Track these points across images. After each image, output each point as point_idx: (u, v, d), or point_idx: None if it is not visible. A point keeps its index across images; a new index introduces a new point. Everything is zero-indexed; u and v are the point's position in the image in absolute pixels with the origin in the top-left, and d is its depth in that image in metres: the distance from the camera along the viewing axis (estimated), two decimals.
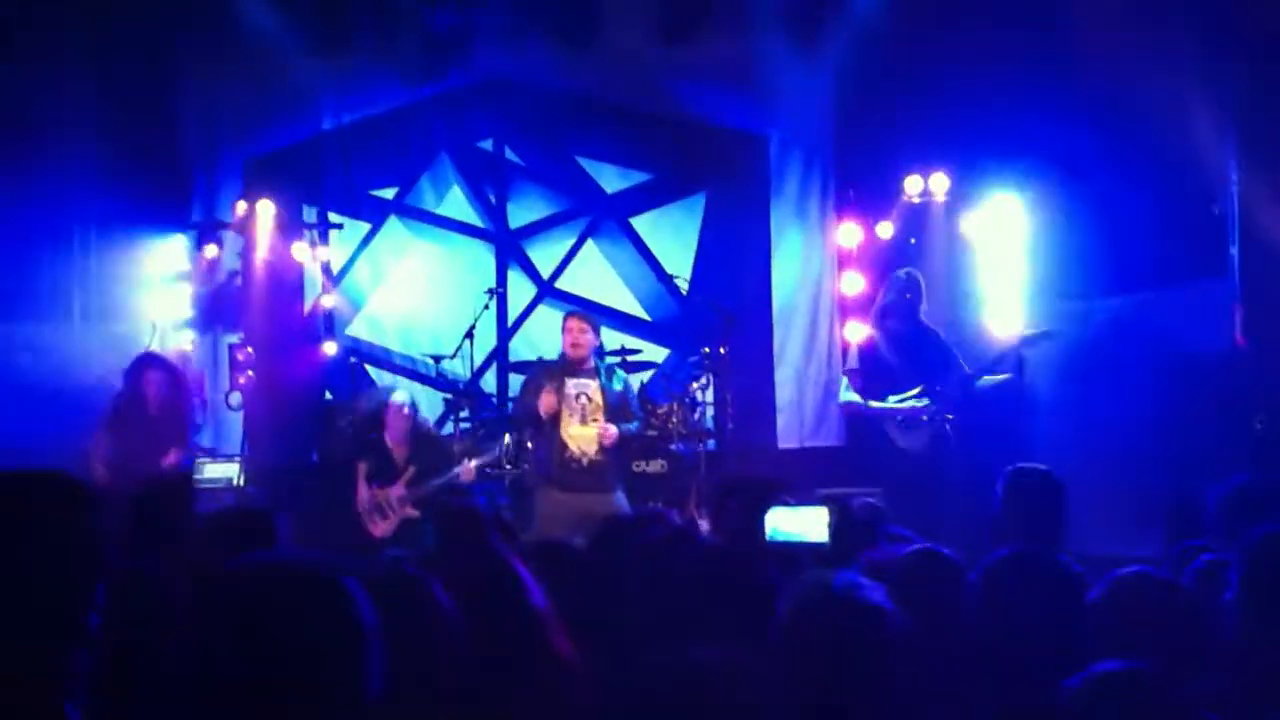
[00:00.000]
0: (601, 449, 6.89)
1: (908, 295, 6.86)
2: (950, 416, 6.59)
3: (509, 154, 10.47)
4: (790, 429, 9.79)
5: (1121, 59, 7.40)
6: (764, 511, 3.45)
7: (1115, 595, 3.01)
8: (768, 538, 3.46)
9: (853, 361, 6.89)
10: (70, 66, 9.35)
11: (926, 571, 3.34)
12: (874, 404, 6.65)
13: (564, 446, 6.91)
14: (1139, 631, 2.83)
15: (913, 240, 8.96)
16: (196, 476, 8.29)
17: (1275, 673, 2.26)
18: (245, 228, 9.41)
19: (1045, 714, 2.42)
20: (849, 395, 6.77)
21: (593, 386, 6.95)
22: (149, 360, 7.93)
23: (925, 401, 6.68)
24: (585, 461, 6.90)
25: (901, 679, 2.46)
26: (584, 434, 6.90)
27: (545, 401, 6.85)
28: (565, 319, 7.26)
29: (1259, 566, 2.35)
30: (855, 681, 2.39)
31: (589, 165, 10.38)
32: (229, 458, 8.55)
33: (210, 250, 9.45)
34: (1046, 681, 2.48)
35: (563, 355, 7.12)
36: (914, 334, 6.70)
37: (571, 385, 6.95)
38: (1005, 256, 8.66)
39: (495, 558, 3.04)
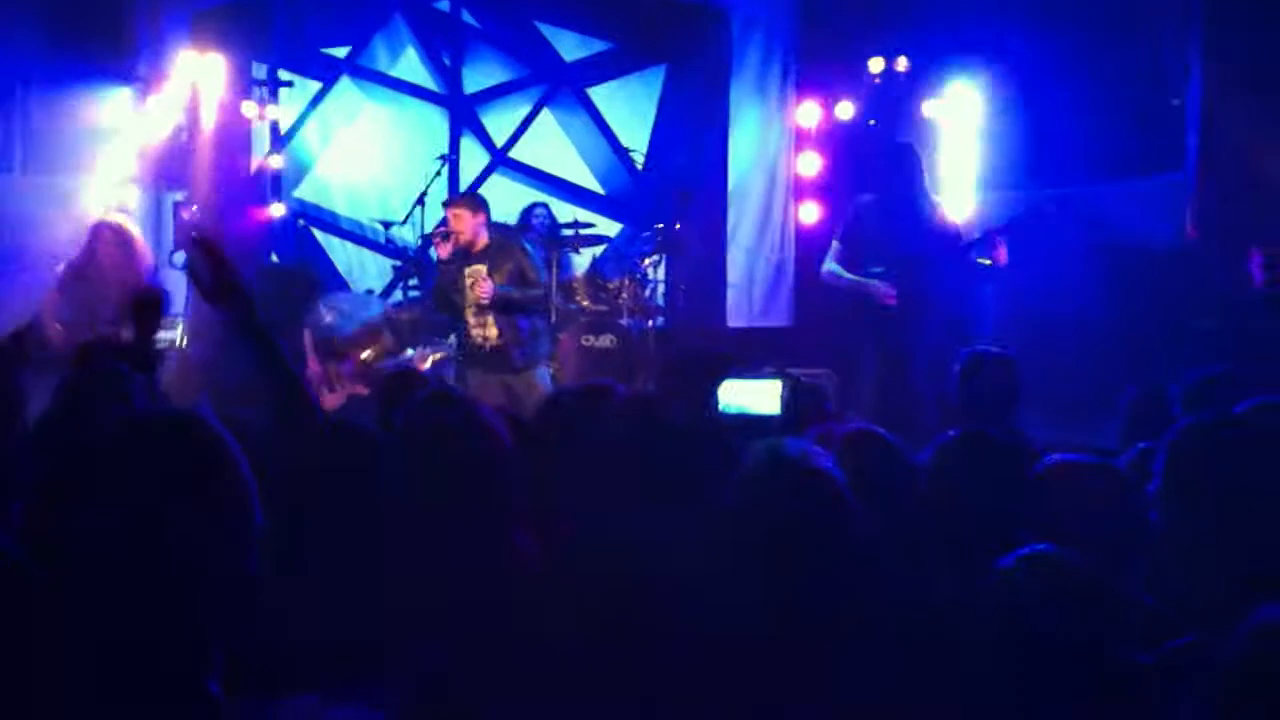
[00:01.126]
0: (501, 332, 6.90)
1: (907, 162, 6.74)
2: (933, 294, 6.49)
3: (466, 16, 10.22)
4: (740, 308, 9.79)
5: None
6: (716, 383, 3.45)
7: (1055, 476, 3.03)
8: (720, 409, 3.47)
9: (843, 230, 6.79)
10: None
11: (868, 449, 3.36)
12: (851, 276, 6.58)
13: (468, 334, 6.98)
14: (1076, 514, 2.87)
15: (872, 122, 8.89)
16: None
17: (1192, 564, 2.30)
18: (192, 82, 9.16)
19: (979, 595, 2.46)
20: (831, 265, 6.69)
21: (481, 270, 6.92)
22: (101, 223, 7.73)
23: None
24: (488, 347, 6.95)
25: (850, 547, 2.48)
26: (483, 320, 6.95)
27: (478, 288, 6.88)
28: (444, 210, 7.28)
29: (1178, 460, 2.37)
30: (807, 547, 2.40)
31: (548, 31, 10.17)
32: (172, 318, 8.43)
33: (155, 105, 9.19)
34: (991, 559, 2.51)
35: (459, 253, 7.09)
36: (910, 205, 6.60)
37: (467, 274, 6.95)
38: (962, 143, 8.62)
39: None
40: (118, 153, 8.95)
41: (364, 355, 7.69)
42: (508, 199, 9.22)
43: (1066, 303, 7.37)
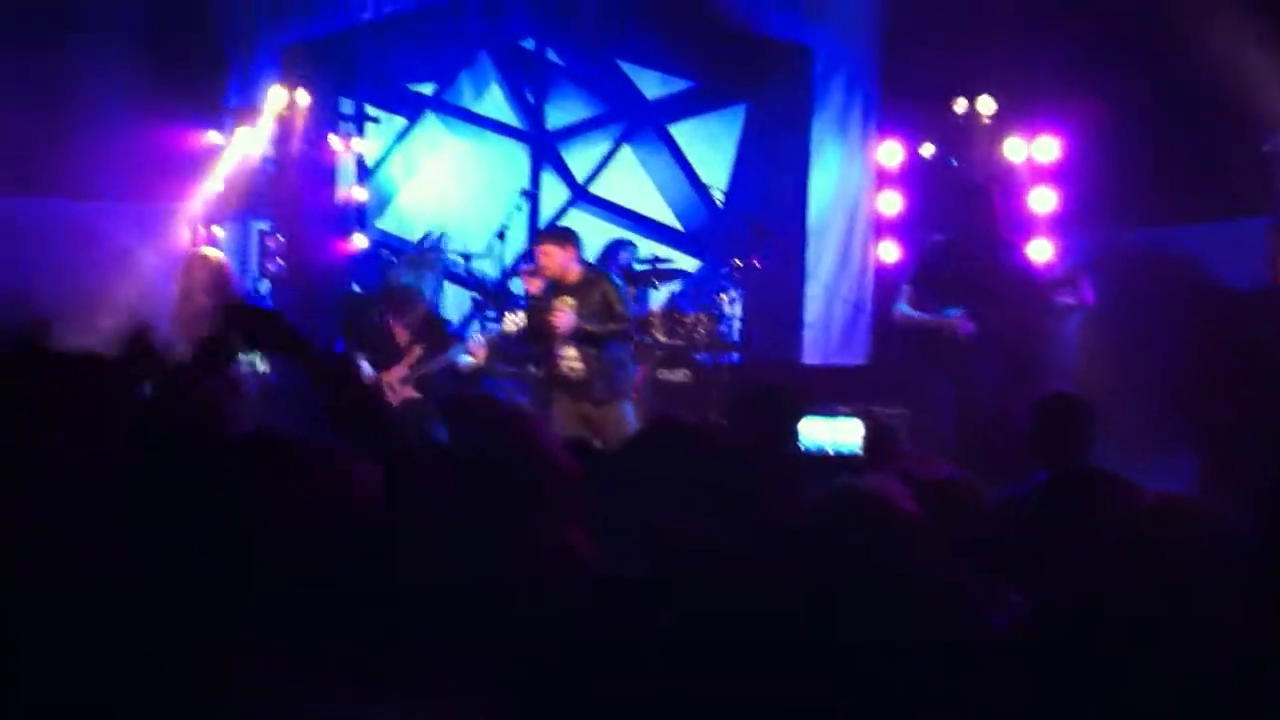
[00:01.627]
0: (586, 364, 6.94)
1: (982, 202, 6.71)
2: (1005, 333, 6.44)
3: (550, 55, 10.35)
4: (816, 345, 9.75)
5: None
6: (795, 419, 3.44)
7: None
8: (800, 446, 3.46)
9: (914, 273, 6.77)
10: None
11: (952, 493, 3.34)
12: (924, 314, 6.54)
13: (556, 364, 7.02)
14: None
15: (954, 161, 8.83)
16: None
17: None
18: (281, 116, 9.37)
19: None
20: (903, 307, 6.67)
21: (569, 301, 6.97)
22: (194, 254, 7.99)
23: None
24: (574, 377, 6.98)
25: (922, 592, 2.45)
26: (569, 353, 7.00)
27: (557, 319, 6.95)
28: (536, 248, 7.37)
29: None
30: (872, 588, 2.38)
31: (630, 70, 10.26)
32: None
33: (245, 137, 9.40)
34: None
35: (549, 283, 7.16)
36: (983, 245, 6.56)
37: (555, 305, 7.00)
38: (1045, 183, 8.54)
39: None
40: (207, 183, 9.17)
41: (409, 358, 7.67)
42: (588, 234, 9.21)
43: (1149, 346, 7.26)
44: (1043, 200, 8.50)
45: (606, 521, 3.07)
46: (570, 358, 7.01)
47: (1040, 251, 8.26)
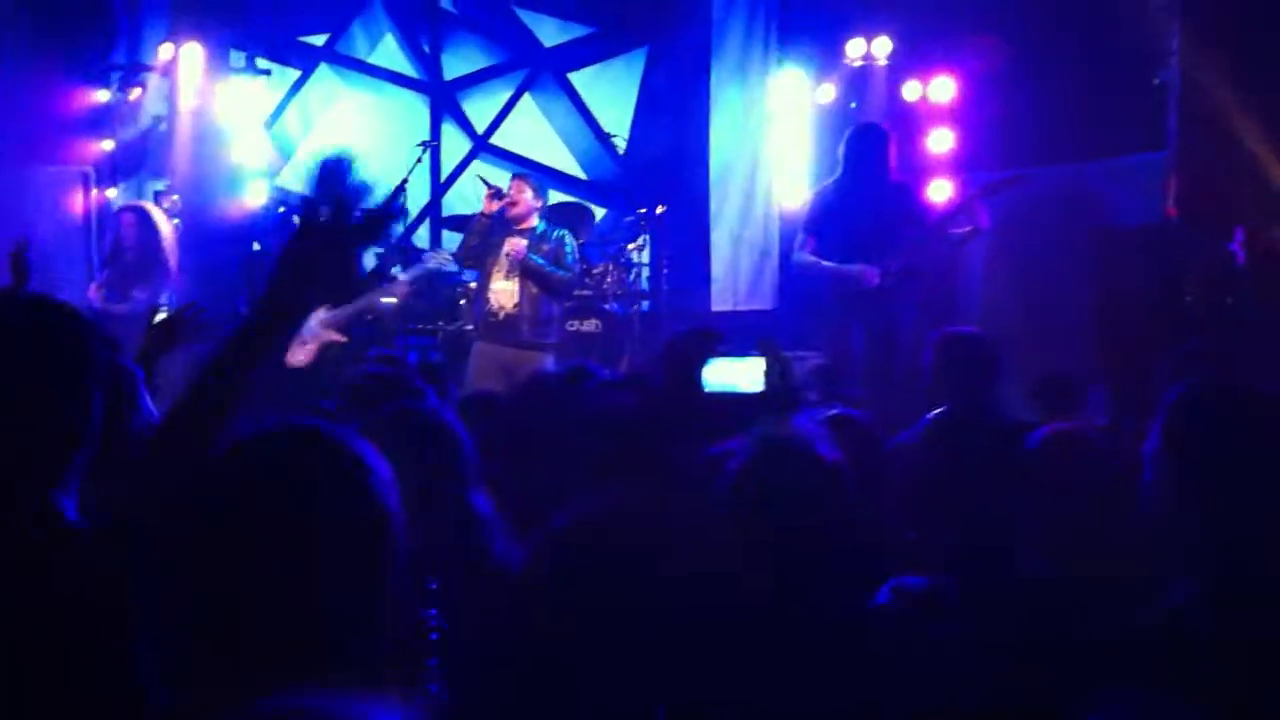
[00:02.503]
0: (519, 302, 6.94)
1: (876, 145, 6.72)
2: (914, 274, 6.49)
3: (444, 2, 10.20)
4: (725, 292, 9.78)
5: None
6: (701, 361, 3.44)
7: (1048, 449, 3.05)
8: (704, 388, 3.46)
9: (801, 219, 6.80)
10: None
11: (849, 434, 3.39)
12: (827, 263, 6.59)
13: (487, 300, 7.05)
14: (1070, 483, 2.89)
15: (853, 104, 8.87)
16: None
17: (1179, 520, 2.32)
18: (170, 71, 9.12)
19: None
20: (801, 255, 6.71)
21: (523, 245, 6.98)
22: (125, 206, 7.80)
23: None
24: (502, 315, 7.00)
25: (847, 537, 2.48)
26: (505, 288, 6.99)
27: (510, 242, 6.92)
28: (510, 180, 7.31)
29: (1175, 420, 2.39)
30: (809, 535, 2.41)
31: (527, 17, 10.15)
32: (159, 307, 8.41)
33: (134, 94, 9.15)
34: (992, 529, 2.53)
35: (499, 211, 7.11)
36: (880, 189, 6.59)
37: (506, 242, 7.00)
38: (942, 125, 8.62)
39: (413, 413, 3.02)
40: (100, 143, 8.91)
41: None
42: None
43: (1049, 280, 7.39)
44: (940, 141, 8.59)
45: (518, 481, 3.06)
46: (501, 292, 7.00)
47: (939, 191, 8.35)
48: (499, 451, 3.29)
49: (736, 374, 3.55)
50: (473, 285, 7.66)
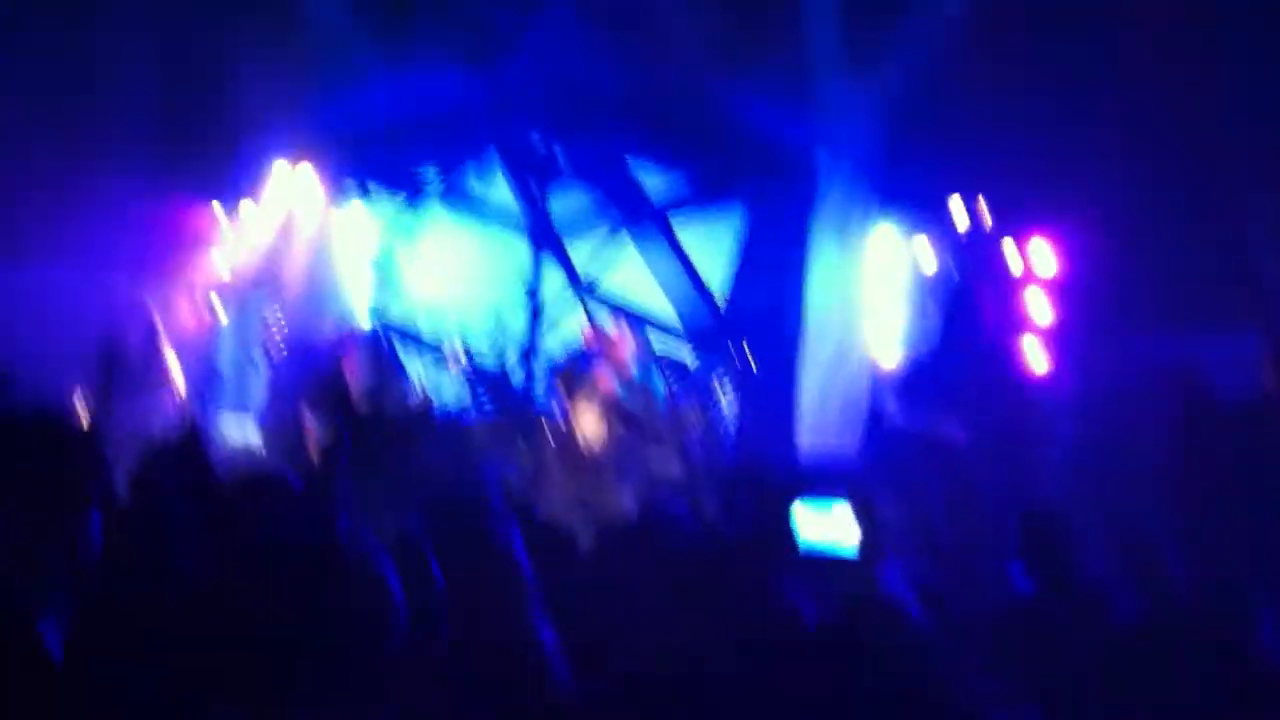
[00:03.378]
0: (604, 439, 6.96)
1: (970, 310, 6.77)
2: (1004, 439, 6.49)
3: (556, 150, 10.48)
4: (813, 443, 9.73)
5: (1170, 105, 7.40)
6: (786, 506, 3.43)
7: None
8: (794, 540, 3.44)
9: (894, 375, 6.83)
10: (133, 37, 9.48)
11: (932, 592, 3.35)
12: (916, 421, 6.59)
13: (573, 434, 7.03)
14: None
15: (952, 264, 8.91)
16: (216, 431, 8.40)
17: None
18: (288, 197, 9.48)
19: None
20: (893, 411, 6.72)
21: (613, 385, 7.02)
22: (127, 306, 7.93)
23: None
24: (587, 450, 6.98)
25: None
26: (593, 425, 7.00)
27: (601, 380, 6.98)
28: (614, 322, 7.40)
29: None
30: (897, 694, 2.37)
31: (635, 168, 10.39)
32: (248, 414, 8.65)
33: (251, 216, 9.51)
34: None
35: (597, 351, 7.19)
36: (972, 350, 6.61)
37: (604, 383, 7.04)
38: (1039, 290, 8.61)
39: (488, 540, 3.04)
40: (214, 259, 9.25)
41: None
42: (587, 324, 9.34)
43: (1142, 450, 7.27)
44: (1037, 304, 8.57)
45: (590, 621, 3.05)
46: (589, 428, 7.02)
47: (1035, 355, 8.31)
48: (576, 585, 3.29)
49: (826, 524, 3.53)
50: (561, 419, 7.70)
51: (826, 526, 3.57)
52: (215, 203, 9.59)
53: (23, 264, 8.64)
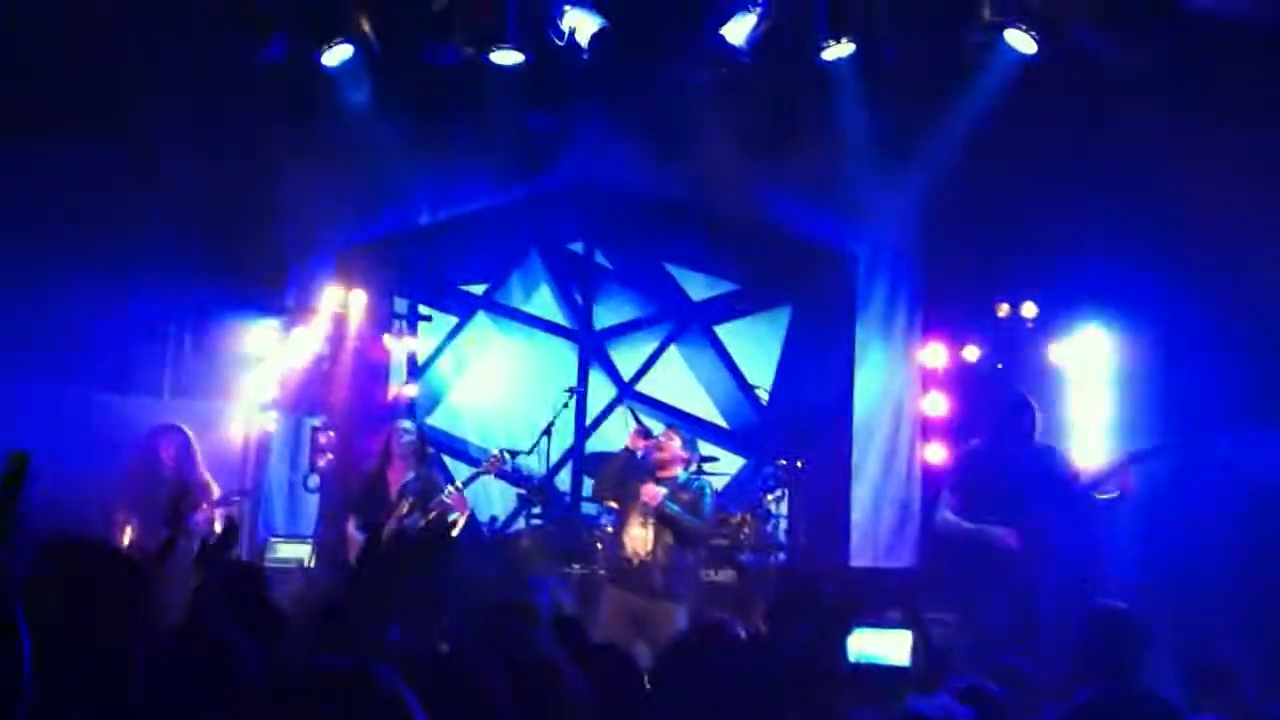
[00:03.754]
0: (652, 550, 6.87)
1: (1022, 414, 6.69)
2: (1055, 544, 6.38)
3: (598, 257, 10.60)
4: (864, 547, 9.62)
5: (1219, 204, 7.36)
6: (845, 631, 3.38)
7: None
8: (851, 659, 3.38)
9: (945, 480, 6.75)
10: (172, 158, 9.69)
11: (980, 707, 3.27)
12: (969, 524, 6.50)
13: (621, 545, 6.99)
14: None
15: (999, 365, 8.86)
16: (269, 555, 8.38)
17: None
18: (336, 315, 9.59)
19: None
20: (945, 514, 6.62)
21: (660, 493, 6.95)
22: (162, 429, 7.96)
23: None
24: (636, 561, 6.92)
25: None
26: (640, 534, 6.93)
27: (646, 490, 6.93)
28: (663, 429, 7.38)
29: None
30: None
31: (676, 272, 10.47)
32: (302, 539, 8.64)
33: (300, 335, 9.61)
34: None
35: (644, 456, 7.13)
36: (1025, 453, 6.52)
37: (644, 489, 6.98)
38: (1093, 388, 8.53)
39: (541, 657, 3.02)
40: (262, 379, 9.34)
41: (397, 511, 7.46)
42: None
43: (1205, 554, 7.12)
44: (1087, 403, 8.48)
45: None
46: (636, 539, 6.94)
47: (1092, 458, 8.20)
48: (633, 711, 3.25)
49: (880, 644, 3.47)
50: (609, 528, 7.65)
51: (883, 645, 3.51)
52: (263, 322, 9.69)
53: (68, 383, 8.74)
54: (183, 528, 7.04)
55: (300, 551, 8.42)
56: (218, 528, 7.71)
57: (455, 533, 7.61)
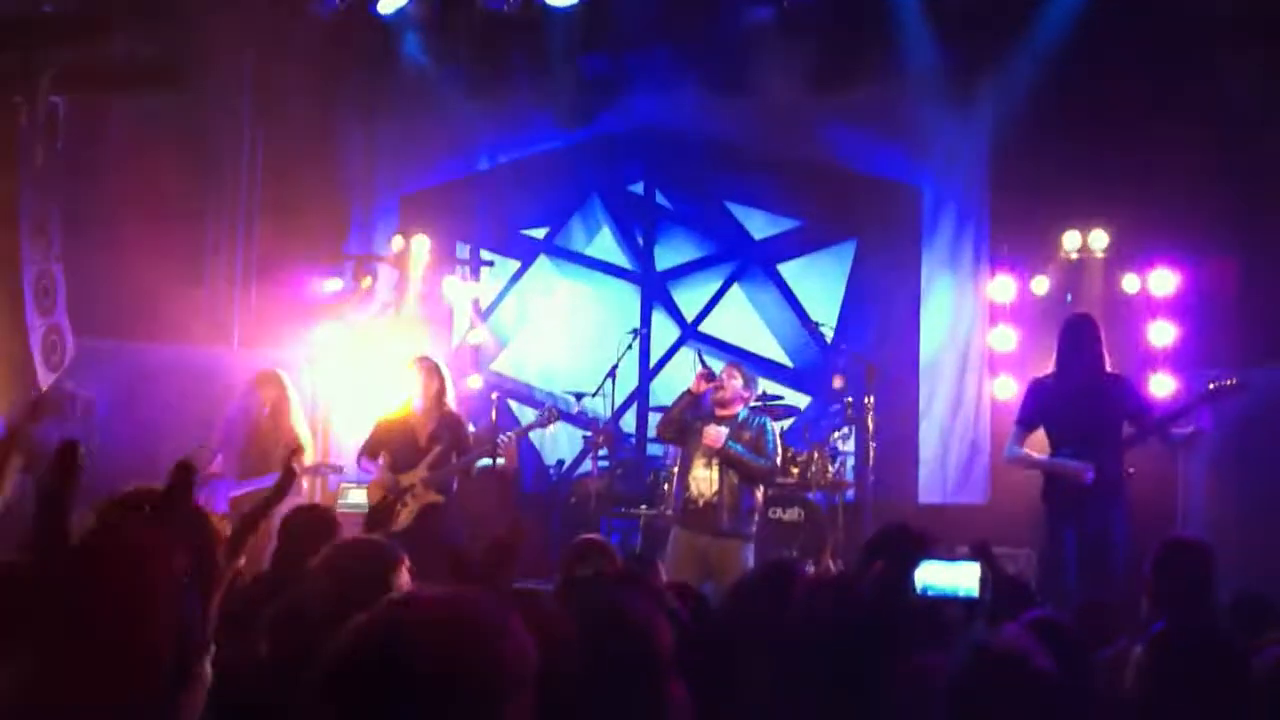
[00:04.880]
0: (718, 490, 6.87)
1: (1084, 335, 6.57)
2: (1132, 470, 6.31)
3: (659, 198, 10.56)
4: (933, 484, 9.60)
5: None
6: (912, 567, 3.38)
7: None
8: (917, 591, 3.39)
9: (1021, 413, 6.65)
10: (240, 108, 9.78)
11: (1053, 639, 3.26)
12: (1040, 458, 6.44)
13: (686, 486, 6.99)
14: None
15: (1069, 297, 8.74)
16: (341, 501, 8.49)
17: None
18: (400, 262, 9.65)
19: None
20: (1014, 449, 6.56)
21: (722, 433, 6.94)
22: (262, 376, 7.73)
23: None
24: (701, 502, 6.92)
25: None
26: (705, 475, 6.93)
27: (708, 432, 6.90)
28: (724, 366, 7.31)
29: None
30: None
31: (738, 211, 10.41)
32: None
33: (365, 282, 9.68)
34: None
35: (708, 396, 7.11)
36: (1095, 385, 6.43)
37: (707, 430, 6.96)
38: (1164, 318, 8.40)
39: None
40: (330, 326, 9.43)
41: (429, 458, 7.11)
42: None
43: (1278, 487, 7.01)
44: (1161, 334, 8.37)
45: (715, 678, 3.02)
46: (701, 480, 6.96)
47: (1161, 386, 8.10)
48: (701, 650, 3.26)
49: (949, 576, 3.47)
50: (674, 470, 7.66)
51: (953, 577, 3.51)
52: (333, 274, 9.78)
53: (156, 340, 8.89)
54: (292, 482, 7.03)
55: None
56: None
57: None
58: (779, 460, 7.21)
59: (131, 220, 8.40)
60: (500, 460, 8.03)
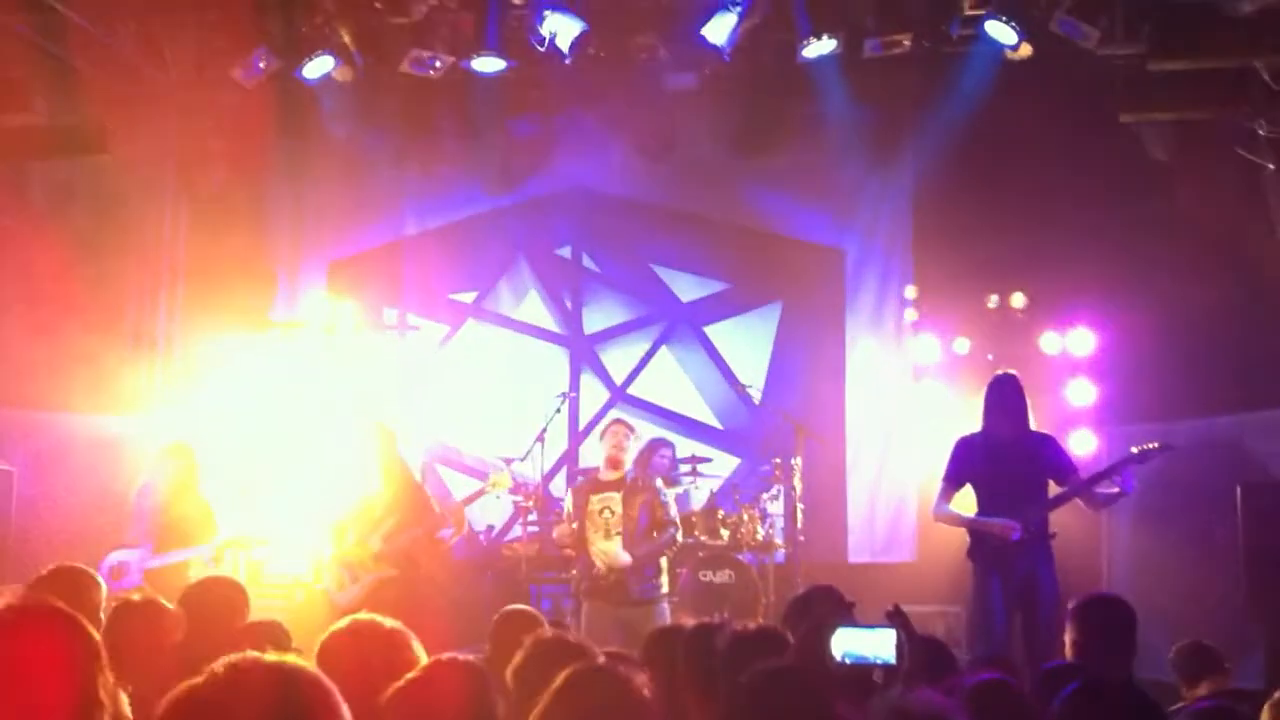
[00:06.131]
0: (650, 548, 6.90)
1: (1017, 400, 6.63)
2: (1054, 533, 6.37)
3: (586, 261, 10.59)
4: (861, 543, 9.64)
5: (1206, 182, 7.39)
6: (831, 628, 3.38)
7: None
8: (838, 657, 3.38)
9: (948, 471, 6.69)
10: (164, 174, 9.70)
11: (999, 702, 3.28)
12: (967, 515, 6.48)
13: (591, 563, 6.95)
14: None
15: (990, 356, 8.86)
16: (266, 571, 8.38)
17: None
18: (326, 328, 9.58)
19: None
20: (942, 507, 6.59)
21: (615, 499, 6.94)
22: (171, 449, 7.58)
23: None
24: (611, 577, 6.90)
25: None
26: (607, 548, 6.92)
27: (560, 532, 7.11)
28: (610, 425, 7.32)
29: None
30: None
31: (665, 273, 10.46)
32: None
33: (291, 349, 9.59)
34: None
35: (593, 469, 7.15)
36: (1021, 443, 6.49)
37: (595, 501, 6.98)
38: (1084, 376, 8.55)
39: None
40: (252, 393, 9.31)
41: (385, 529, 7.02)
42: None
43: (1197, 539, 7.12)
44: (1081, 392, 8.50)
45: None
46: (603, 554, 6.92)
47: (1082, 444, 8.21)
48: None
49: (866, 643, 3.47)
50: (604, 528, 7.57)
51: (871, 644, 3.51)
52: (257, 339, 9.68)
53: (72, 410, 8.72)
54: None
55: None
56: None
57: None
58: (678, 520, 7.21)
59: (49, 289, 8.27)
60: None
